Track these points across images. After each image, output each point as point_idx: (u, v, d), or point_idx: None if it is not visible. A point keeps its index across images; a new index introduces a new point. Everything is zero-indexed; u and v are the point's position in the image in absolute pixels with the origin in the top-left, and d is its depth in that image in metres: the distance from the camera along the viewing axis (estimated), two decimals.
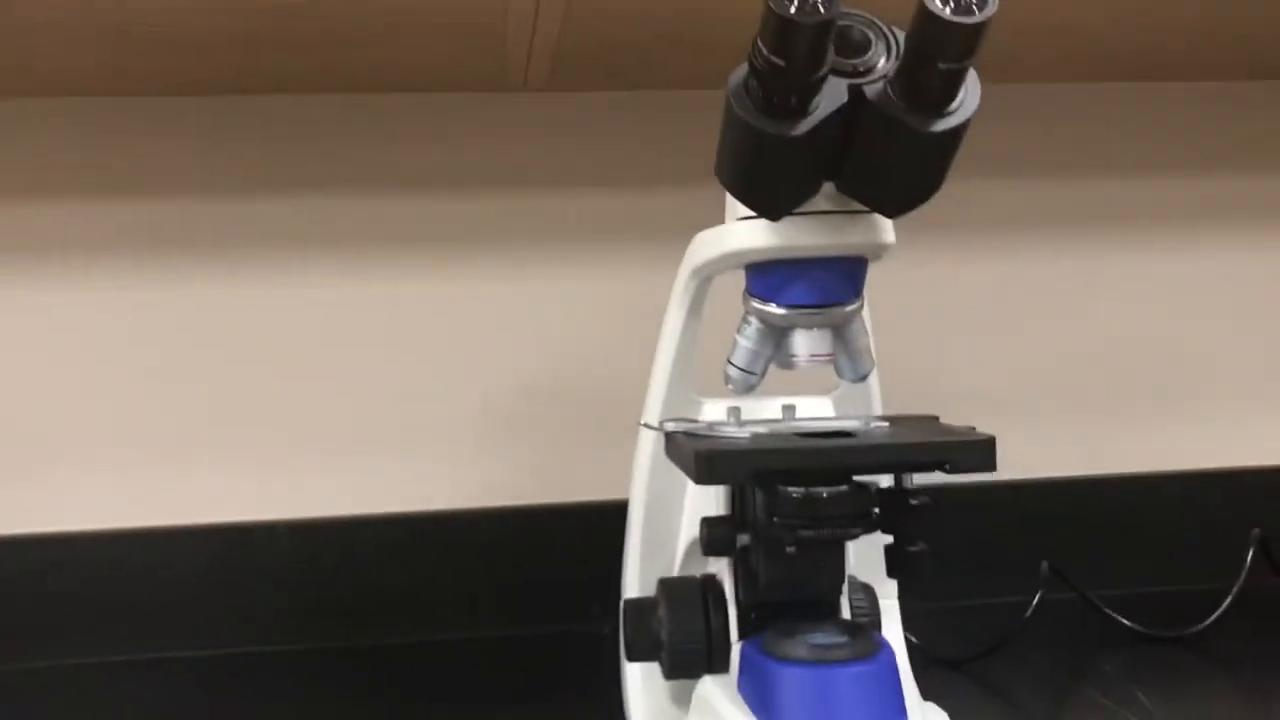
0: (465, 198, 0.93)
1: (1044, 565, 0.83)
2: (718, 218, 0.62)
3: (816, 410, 0.68)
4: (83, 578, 0.88)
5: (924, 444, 0.57)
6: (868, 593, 0.67)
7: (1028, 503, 0.96)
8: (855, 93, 0.50)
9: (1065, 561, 0.84)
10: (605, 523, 0.73)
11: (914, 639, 0.75)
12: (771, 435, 0.60)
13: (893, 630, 0.70)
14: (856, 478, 0.59)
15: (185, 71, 0.83)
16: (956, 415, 0.65)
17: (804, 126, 0.50)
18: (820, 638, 0.57)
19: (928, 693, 0.65)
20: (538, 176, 0.93)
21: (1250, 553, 0.86)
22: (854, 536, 0.59)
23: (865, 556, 0.67)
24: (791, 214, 0.56)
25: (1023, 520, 0.95)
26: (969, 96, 0.50)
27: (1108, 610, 0.84)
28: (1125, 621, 0.84)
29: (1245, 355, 1.01)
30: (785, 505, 0.57)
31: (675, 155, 0.93)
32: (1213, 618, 0.84)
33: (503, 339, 0.93)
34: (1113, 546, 0.95)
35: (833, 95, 0.50)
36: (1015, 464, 0.95)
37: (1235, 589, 0.85)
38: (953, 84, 0.49)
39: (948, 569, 0.86)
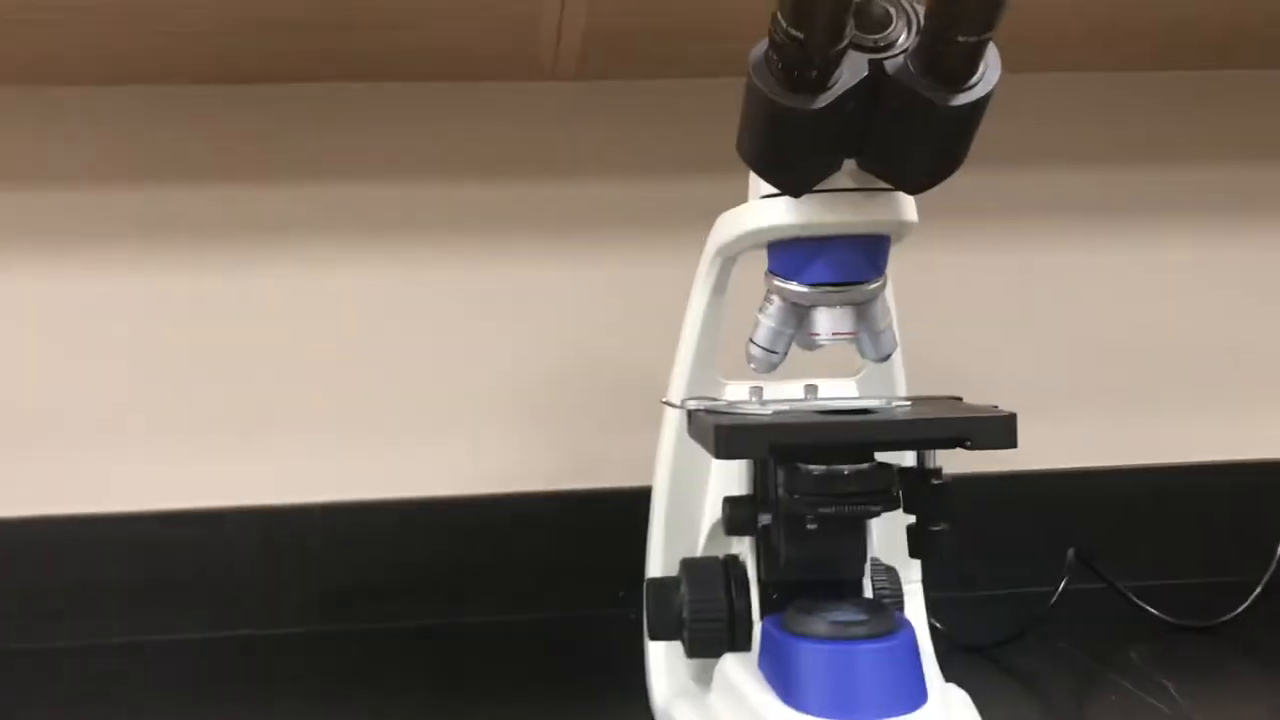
0: (494, 185, 0.94)
1: (1070, 553, 0.82)
2: (741, 203, 0.62)
3: (839, 391, 0.69)
4: (119, 559, 0.89)
5: (944, 420, 0.57)
6: (890, 575, 0.67)
7: (1055, 492, 0.95)
8: (876, 67, 0.51)
9: (1092, 551, 0.84)
10: (632, 508, 0.74)
11: (937, 624, 0.75)
12: (792, 412, 0.60)
13: (915, 612, 0.70)
14: (878, 456, 0.59)
15: (209, 59, 0.84)
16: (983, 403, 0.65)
17: (824, 100, 0.50)
18: (840, 615, 0.58)
19: (950, 676, 0.64)
20: (565, 164, 0.94)
21: None
22: (875, 514, 0.59)
23: (889, 539, 0.67)
24: (813, 191, 0.56)
25: (1049, 510, 0.94)
26: (989, 70, 0.50)
27: (1135, 599, 0.83)
28: (1153, 610, 0.83)
29: (1276, 346, 1.00)
30: (806, 482, 0.57)
31: (700, 143, 0.93)
32: (1242, 608, 0.83)
33: (530, 325, 0.94)
34: (1140, 537, 0.94)
35: (853, 69, 0.50)
36: (1043, 453, 0.95)
37: (1265, 579, 0.84)
38: (973, 58, 0.49)
39: (973, 557, 0.86)
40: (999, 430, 0.55)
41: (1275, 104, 0.99)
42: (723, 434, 0.55)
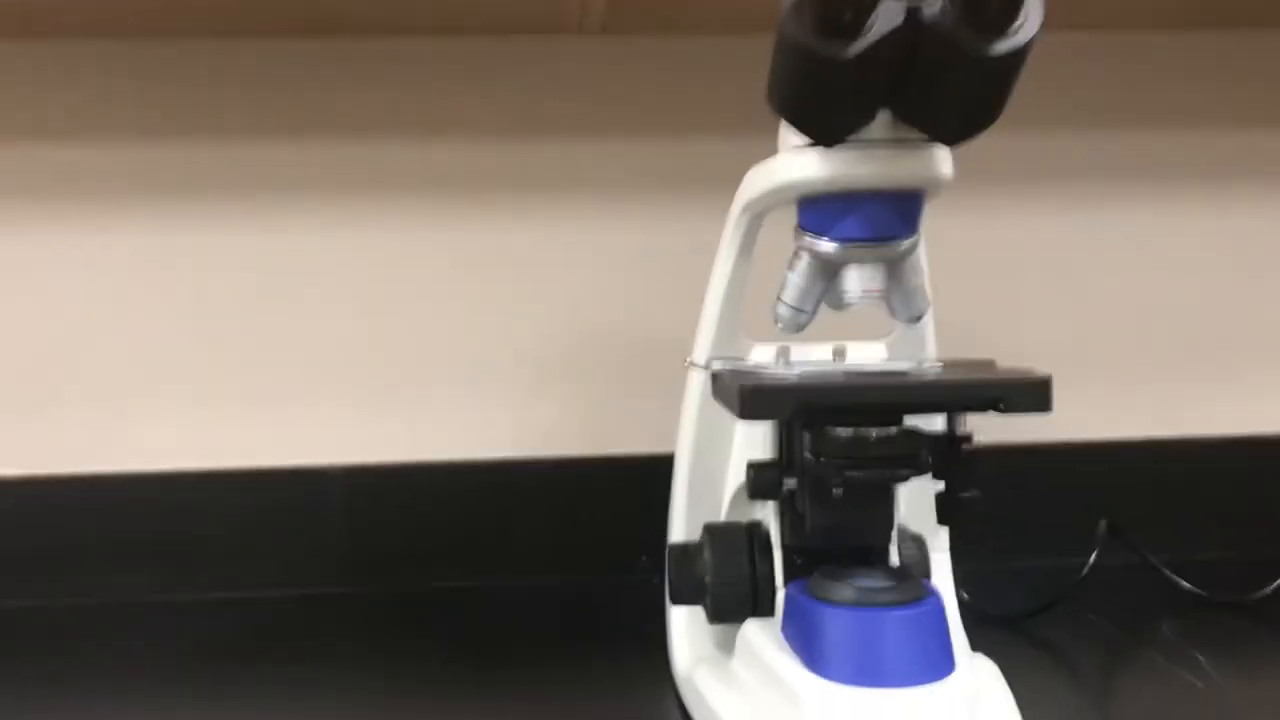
0: (515, 143, 0.92)
1: (1101, 524, 0.81)
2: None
3: (868, 354, 0.67)
4: (141, 518, 0.89)
5: (977, 382, 0.56)
6: (918, 543, 0.66)
7: (1087, 464, 0.93)
8: (912, 13, 0.49)
9: (1125, 524, 0.82)
10: (657, 475, 0.73)
11: (965, 595, 0.74)
12: (820, 374, 0.59)
13: (943, 581, 0.68)
14: (907, 419, 0.58)
15: (227, 13, 0.83)
16: None
17: (858, 47, 0.48)
18: (867, 581, 0.57)
19: (977, 647, 0.63)
20: (590, 122, 0.92)
21: None
22: (903, 479, 0.58)
23: (916, 507, 0.65)
24: (846, 143, 0.54)
25: (1081, 482, 0.92)
26: (1031, 16, 0.49)
27: (1167, 572, 0.82)
28: (1186, 584, 0.82)
29: None
30: (832, 446, 0.56)
31: (729, 103, 0.91)
32: (1277, 583, 0.81)
33: (557, 287, 0.93)
34: (1175, 510, 0.92)
35: (889, 15, 0.48)
36: (1078, 424, 0.94)
37: None
38: (1014, 3, 0.48)
39: (1002, 529, 0.84)
40: (1034, 393, 0.54)
41: None
42: (747, 394, 0.54)
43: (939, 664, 0.55)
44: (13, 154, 0.89)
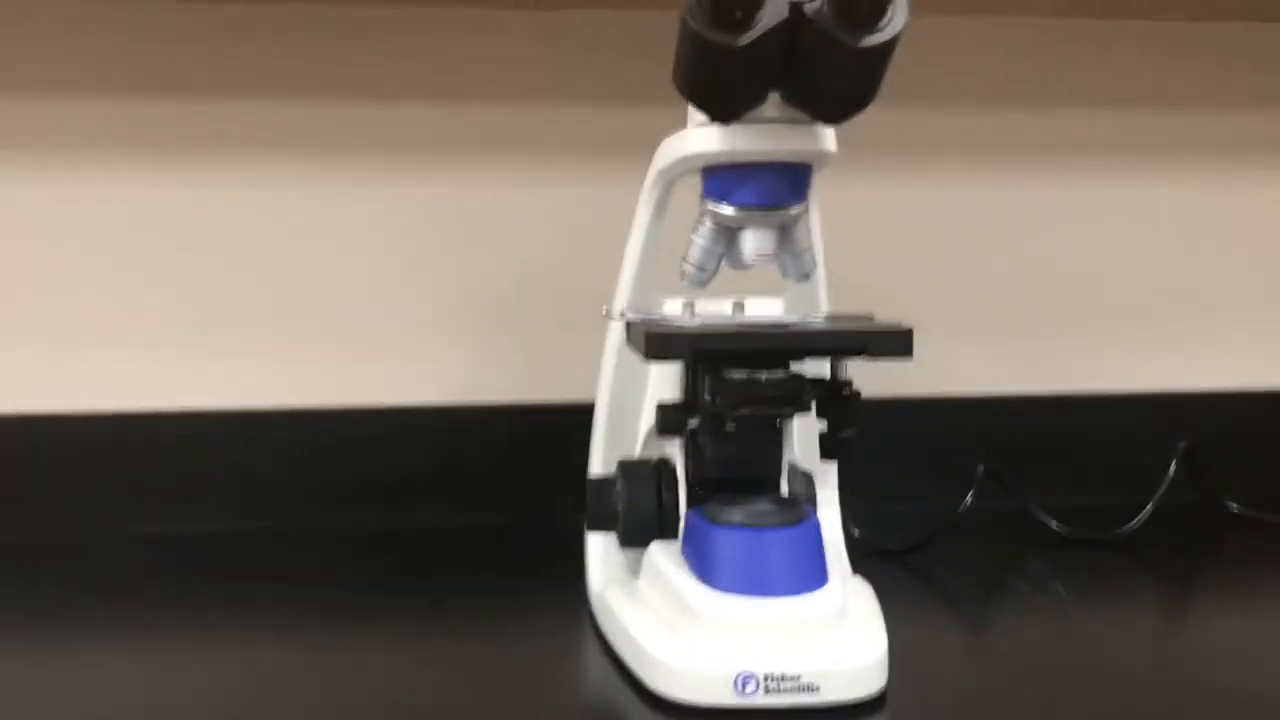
0: (454, 107, 0.97)
1: (979, 468, 0.89)
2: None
3: (765, 308, 0.74)
4: (90, 455, 0.94)
5: (847, 332, 0.63)
6: (806, 478, 0.74)
7: (971, 415, 1.01)
8: (795, 10, 0.56)
9: (1002, 470, 0.90)
10: (578, 420, 0.79)
11: (856, 531, 0.82)
12: (716, 324, 0.66)
13: (829, 512, 0.76)
14: (795, 366, 0.65)
15: None
16: None
17: (747, 38, 0.55)
18: (753, 506, 0.64)
19: (866, 575, 0.70)
20: (526, 89, 0.98)
21: (1174, 465, 0.92)
22: (788, 416, 0.66)
23: (807, 448, 0.73)
24: (741, 121, 0.62)
25: (965, 431, 0.99)
26: (897, 15, 0.56)
27: (1039, 514, 0.90)
28: (1053, 524, 0.90)
29: (1183, 284, 1.06)
30: (727, 387, 0.64)
31: (652, 72, 0.96)
32: (1135, 523, 0.90)
33: (487, 243, 0.98)
34: (1048, 460, 0.99)
35: (774, 11, 0.56)
36: (963, 378, 1.01)
37: (1158, 496, 0.90)
38: (881, 3, 0.55)
39: (893, 473, 0.92)
40: (896, 342, 0.62)
41: (1208, 54, 1.04)
42: (653, 339, 0.61)
43: (813, 577, 0.63)
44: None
